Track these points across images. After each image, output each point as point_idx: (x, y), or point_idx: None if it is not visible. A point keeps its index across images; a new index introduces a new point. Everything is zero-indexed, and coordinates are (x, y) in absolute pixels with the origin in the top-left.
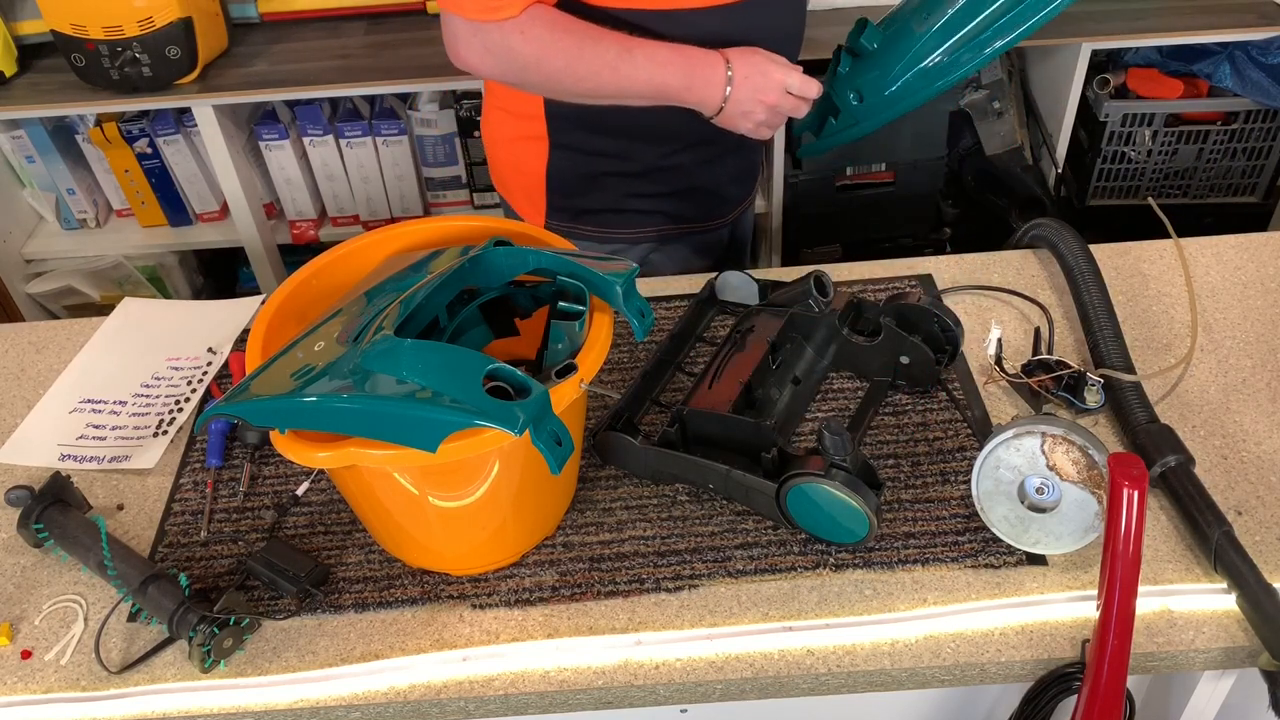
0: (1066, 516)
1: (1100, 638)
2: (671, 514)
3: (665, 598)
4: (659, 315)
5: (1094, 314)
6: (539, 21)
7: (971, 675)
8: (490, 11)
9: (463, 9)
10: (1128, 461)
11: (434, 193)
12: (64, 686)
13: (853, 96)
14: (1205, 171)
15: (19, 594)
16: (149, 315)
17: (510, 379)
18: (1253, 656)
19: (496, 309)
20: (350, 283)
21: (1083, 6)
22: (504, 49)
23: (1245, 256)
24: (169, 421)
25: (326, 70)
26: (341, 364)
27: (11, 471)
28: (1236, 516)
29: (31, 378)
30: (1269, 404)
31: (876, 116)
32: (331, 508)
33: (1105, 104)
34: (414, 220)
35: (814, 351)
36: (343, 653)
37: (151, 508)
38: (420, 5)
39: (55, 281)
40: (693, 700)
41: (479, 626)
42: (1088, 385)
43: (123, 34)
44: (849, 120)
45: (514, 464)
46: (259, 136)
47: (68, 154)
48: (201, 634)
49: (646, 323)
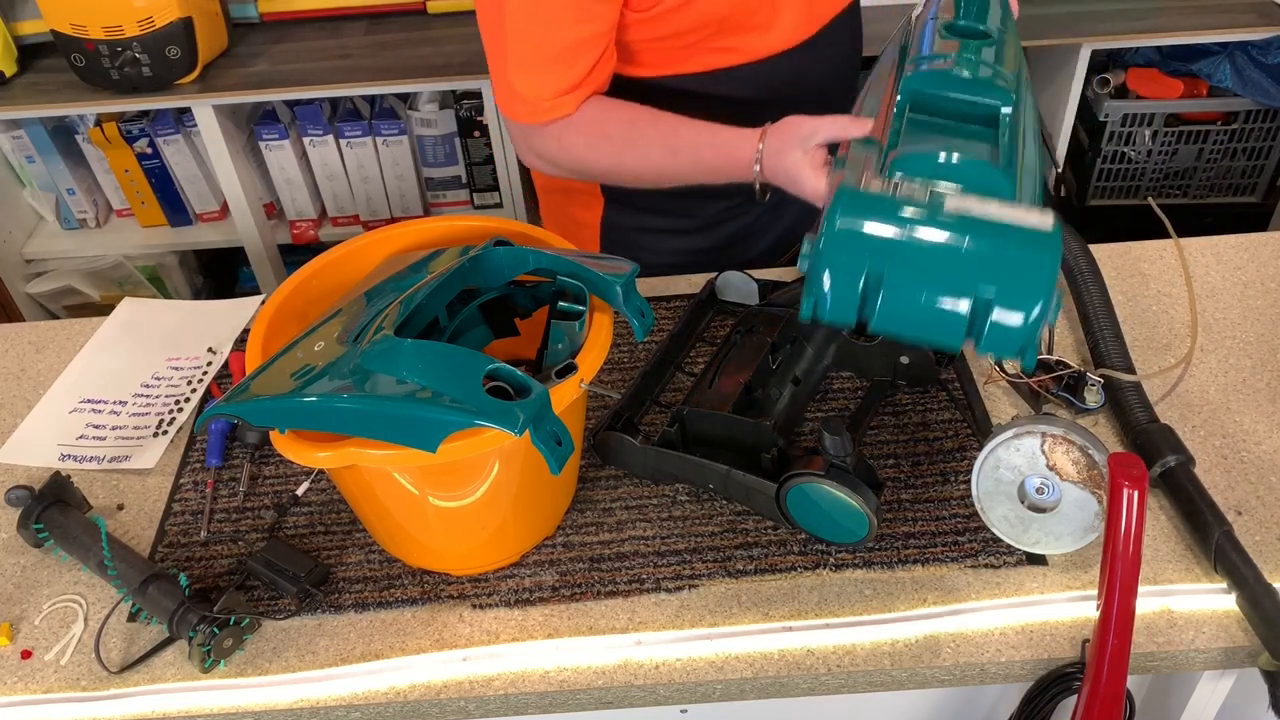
0: (1066, 516)
1: (1100, 638)
2: (671, 514)
3: (665, 598)
4: (659, 315)
5: (1094, 314)
6: (576, 129)
7: (971, 675)
8: (531, 116)
9: (512, 113)
10: (1128, 461)
11: (434, 193)
12: (64, 686)
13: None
14: (1205, 171)
15: (19, 594)
16: (149, 315)
17: (510, 379)
18: (1253, 656)
19: (496, 309)
20: (350, 283)
21: (1083, 6)
22: (549, 154)
23: (1245, 256)
24: (169, 421)
25: (326, 70)
26: (341, 364)
27: (11, 471)
28: (1236, 516)
29: (31, 378)
30: (1269, 404)
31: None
32: (331, 508)
33: (1105, 104)
34: (414, 220)
35: (814, 351)
36: (343, 653)
37: (151, 508)
38: (420, 5)
39: (55, 281)
40: (693, 700)
41: (479, 626)
42: (1088, 385)
43: (123, 34)
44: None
45: (514, 464)
46: (259, 136)
47: (68, 154)
48: (201, 634)
49: (646, 323)
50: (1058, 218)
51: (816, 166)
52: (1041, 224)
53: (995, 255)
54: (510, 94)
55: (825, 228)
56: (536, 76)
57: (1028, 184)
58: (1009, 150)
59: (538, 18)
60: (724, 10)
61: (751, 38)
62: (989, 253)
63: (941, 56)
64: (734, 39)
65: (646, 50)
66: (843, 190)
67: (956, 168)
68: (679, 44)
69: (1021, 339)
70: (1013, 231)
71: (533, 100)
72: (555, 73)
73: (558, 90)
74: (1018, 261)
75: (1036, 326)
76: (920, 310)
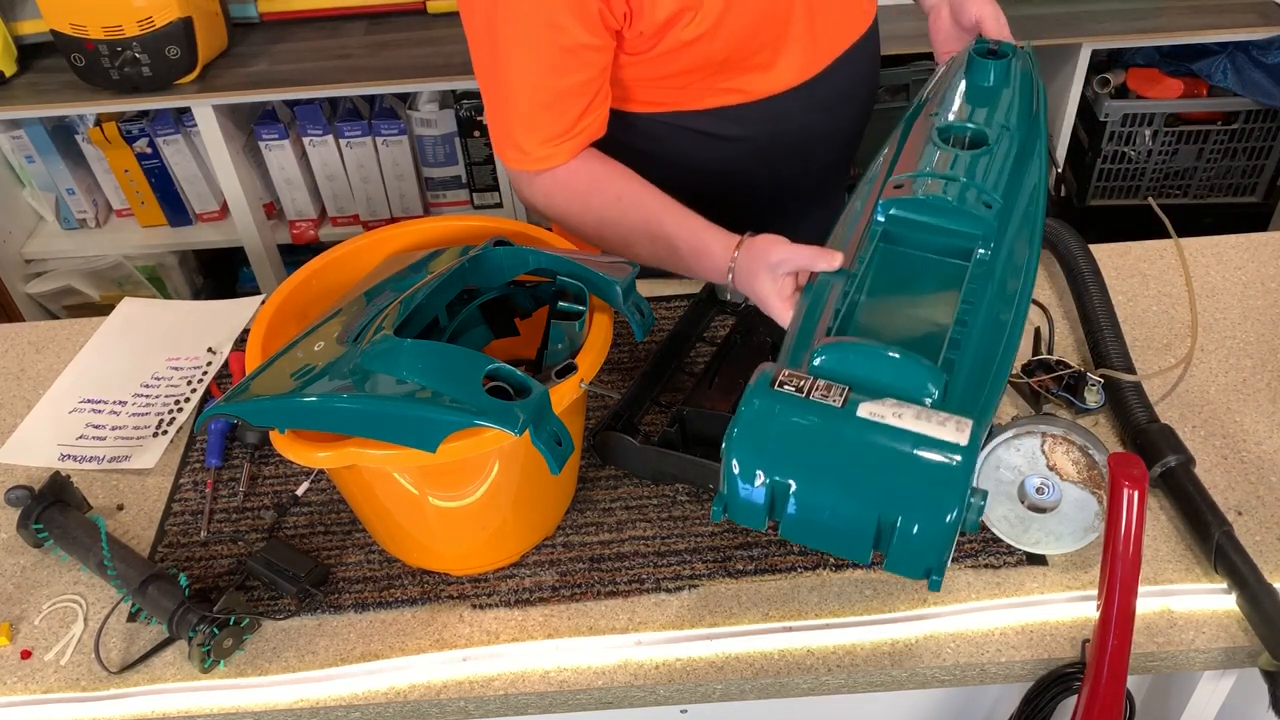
0: (1066, 516)
1: (1100, 638)
2: (671, 514)
3: (665, 598)
4: (659, 315)
5: (1094, 314)
6: (563, 192)
7: (971, 675)
8: (521, 164)
9: (504, 157)
10: (1128, 461)
11: (434, 193)
12: (64, 686)
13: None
14: (1205, 171)
15: (19, 594)
16: (149, 315)
17: (510, 379)
18: (1253, 656)
19: (496, 309)
20: (350, 283)
21: (1083, 6)
22: (536, 205)
23: (1245, 256)
24: (169, 421)
25: (326, 70)
26: (341, 364)
27: (11, 471)
28: (1237, 516)
29: (31, 378)
30: (1269, 404)
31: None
32: (331, 508)
33: (1105, 104)
34: (414, 220)
35: None
36: (343, 653)
37: (151, 508)
38: (420, 5)
39: (55, 281)
40: (693, 700)
41: (479, 626)
42: (1088, 385)
43: (122, 34)
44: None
45: (514, 464)
46: (259, 136)
47: (67, 154)
48: (201, 634)
49: (646, 323)
50: (976, 428)
51: (784, 297)
52: (957, 437)
53: (901, 476)
54: (501, 138)
55: (733, 431)
56: (526, 122)
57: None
58: (980, 289)
59: (529, 65)
60: (723, 53)
61: (752, 78)
62: (895, 472)
63: (926, 176)
64: (734, 79)
65: (643, 87)
66: (754, 394)
67: (884, 365)
68: (676, 84)
69: (927, 562)
70: (923, 447)
71: (525, 148)
72: (545, 120)
73: (547, 137)
74: (924, 484)
75: (943, 550)
76: (825, 524)
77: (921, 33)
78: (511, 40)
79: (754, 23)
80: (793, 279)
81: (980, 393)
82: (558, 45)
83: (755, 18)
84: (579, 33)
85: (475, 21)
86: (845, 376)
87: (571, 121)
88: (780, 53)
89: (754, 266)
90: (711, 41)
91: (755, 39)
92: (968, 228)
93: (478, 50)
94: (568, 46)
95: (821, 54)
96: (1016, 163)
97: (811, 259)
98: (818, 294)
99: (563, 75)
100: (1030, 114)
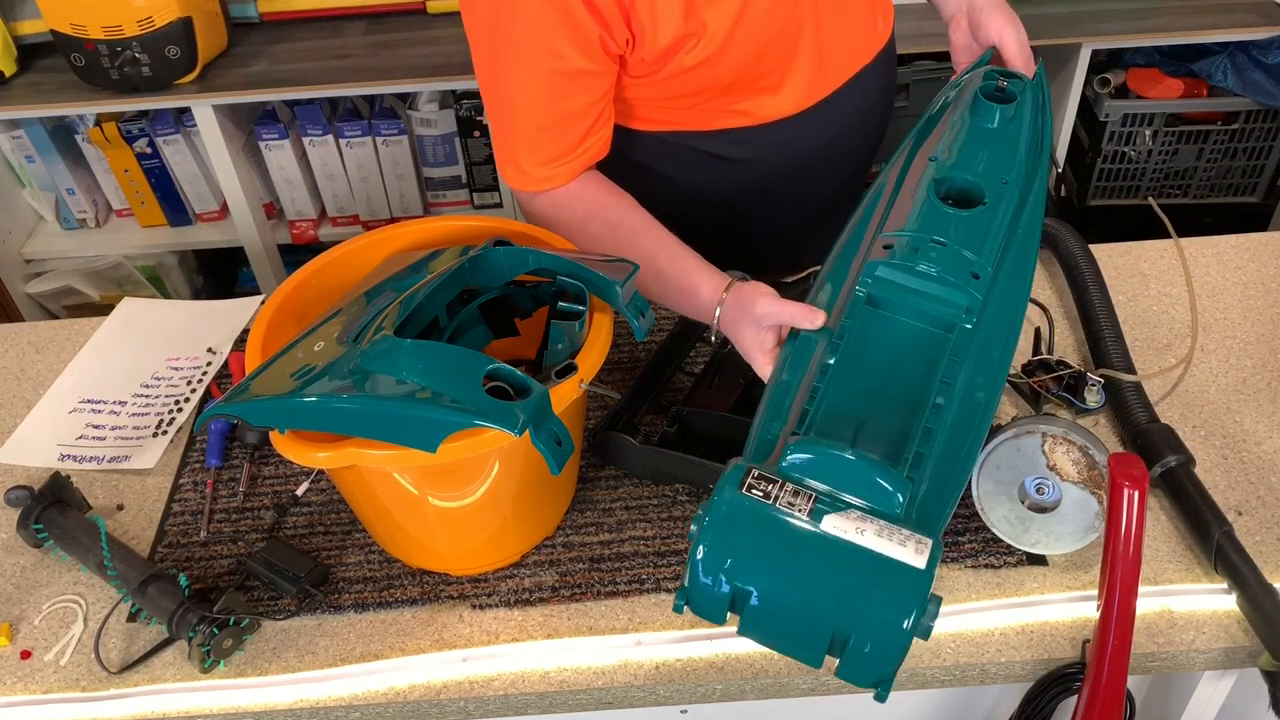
0: (1067, 516)
1: (1100, 638)
2: (671, 514)
3: (665, 598)
4: (659, 315)
5: (1094, 314)
6: (562, 215)
7: (971, 675)
8: (522, 184)
9: (506, 177)
10: (1128, 461)
11: (434, 193)
12: (64, 687)
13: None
14: (1205, 171)
15: (19, 594)
16: (149, 315)
17: (510, 379)
18: (1253, 656)
19: (496, 309)
20: (350, 283)
21: (1083, 6)
22: (535, 224)
23: (1245, 256)
24: (169, 421)
25: (326, 70)
26: (341, 364)
27: (11, 471)
28: (1237, 516)
29: (31, 378)
30: (1269, 404)
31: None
32: (331, 508)
33: (1105, 104)
34: (414, 220)
35: None
36: (342, 653)
37: (151, 508)
38: (420, 5)
39: (55, 281)
40: (693, 700)
41: (479, 626)
42: (1088, 385)
43: (122, 34)
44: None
45: (514, 464)
46: (259, 136)
47: (67, 154)
48: (201, 634)
49: (646, 323)
50: (936, 547)
51: (765, 350)
52: (916, 560)
53: (858, 598)
54: (504, 158)
55: (704, 519)
56: (528, 144)
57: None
58: (958, 365)
59: (529, 89)
60: (728, 78)
61: (759, 101)
62: (852, 595)
63: (915, 238)
64: (740, 102)
65: (647, 107)
66: (725, 486)
67: (852, 471)
68: (681, 105)
69: (875, 675)
70: (881, 568)
71: (526, 168)
72: (546, 142)
73: (548, 158)
74: (879, 607)
75: (893, 664)
76: (782, 629)
77: (923, 32)
78: (512, 65)
79: (759, 48)
80: (775, 333)
81: (947, 482)
82: (558, 72)
83: (760, 43)
84: (578, 59)
85: (478, 42)
86: (814, 476)
87: (573, 144)
88: (787, 76)
89: (739, 317)
90: (715, 67)
91: (761, 63)
92: (953, 298)
93: (481, 70)
94: (568, 73)
95: (831, 77)
96: (1014, 218)
97: (794, 317)
98: (799, 352)
99: (563, 100)
100: (1035, 152)
